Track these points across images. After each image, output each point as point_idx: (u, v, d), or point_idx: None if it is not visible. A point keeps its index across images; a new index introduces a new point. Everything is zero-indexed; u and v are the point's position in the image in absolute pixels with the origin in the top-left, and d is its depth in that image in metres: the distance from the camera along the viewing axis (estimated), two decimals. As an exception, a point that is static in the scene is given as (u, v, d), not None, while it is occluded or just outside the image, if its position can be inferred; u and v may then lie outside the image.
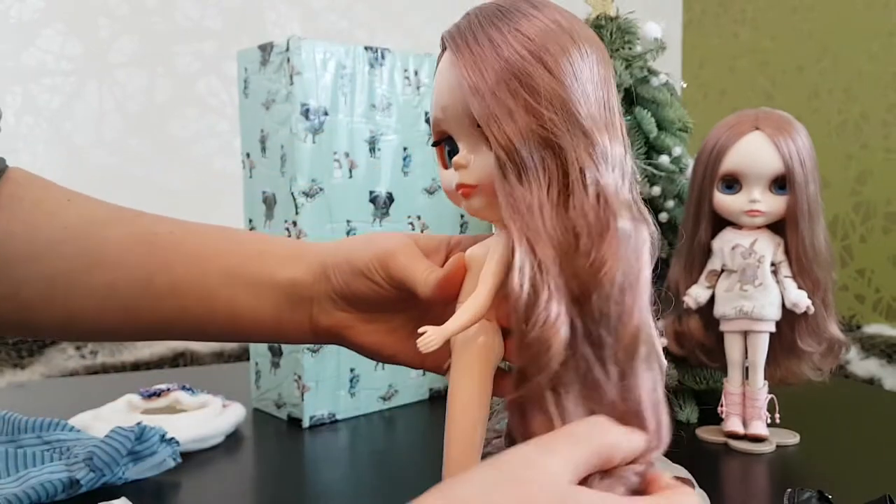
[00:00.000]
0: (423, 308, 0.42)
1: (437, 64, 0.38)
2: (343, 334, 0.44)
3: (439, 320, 0.35)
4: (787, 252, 0.73)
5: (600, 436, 0.31)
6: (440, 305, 0.40)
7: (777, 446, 0.74)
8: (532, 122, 0.33)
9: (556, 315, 0.31)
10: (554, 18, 0.34)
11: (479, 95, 0.33)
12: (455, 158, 0.36)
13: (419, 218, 0.88)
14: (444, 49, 0.37)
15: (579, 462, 0.30)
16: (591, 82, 0.34)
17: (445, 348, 0.36)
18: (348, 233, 0.82)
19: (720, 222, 0.76)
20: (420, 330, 0.34)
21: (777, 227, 0.74)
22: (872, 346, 1.29)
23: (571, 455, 0.30)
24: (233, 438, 0.78)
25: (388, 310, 0.44)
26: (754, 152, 0.72)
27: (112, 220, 0.45)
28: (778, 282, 0.73)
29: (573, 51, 0.34)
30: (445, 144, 0.38)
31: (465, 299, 0.37)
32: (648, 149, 0.80)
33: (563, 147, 0.33)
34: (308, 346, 0.81)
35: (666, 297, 0.75)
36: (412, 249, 0.42)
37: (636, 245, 0.33)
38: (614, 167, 0.34)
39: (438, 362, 0.42)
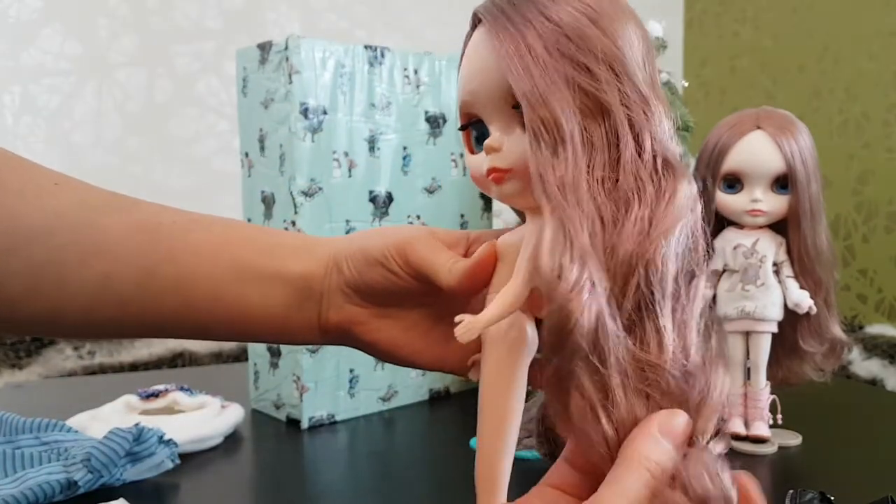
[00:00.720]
0: (442, 303, 0.41)
1: (464, 44, 0.36)
2: (354, 331, 0.42)
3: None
4: (789, 252, 0.73)
5: (646, 476, 0.28)
6: (463, 297, 0.38)
7: (779, 447, 0.73)
8: (583, 83, 0.31)
9: (577, 280, 0.28)
10: None
11: (520, 63, 0.31)
12: (487, 141, 0.34)
13: (419, 217, 0.88)
14: (473, 27, 0.35)
15: None
16: (640, 53, 0.32)
17: (466, 346, 0.34)
18: (347, 232, 0.82)
19: (722, 222, 0.75)
20: (457, 318, 0.32)
21: (779, 226, 0.73)
22: (875, 347, 1.29)
23: None
24: (231, 439, 0.78)
25: (403, 304, 0.42)
26: (756, 152, 0.71)
27: (109, 206, 0.41)
28: (780, 282, 0.73)
29: (626, 20, 0.32)
30: (473, 129, 0.36)
31: (497, 290, 0.35)
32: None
33: (614, 111, 0.31)
34: (307, 346, 0.80)
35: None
36: (432, 239, 0.40)
37: (695, 213, 0.31)
38: (670, 137, 0.32)
39: (460, 362, 0.40)
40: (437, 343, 0.42)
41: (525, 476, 0.34)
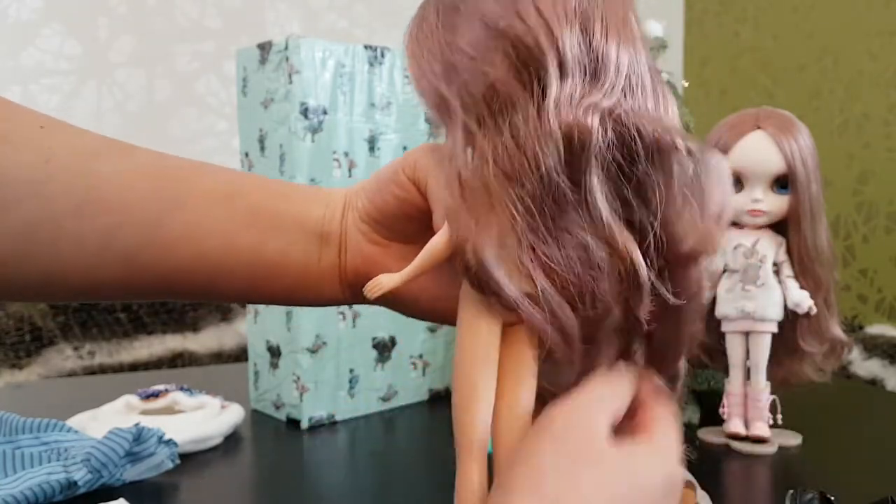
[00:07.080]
0: None
1: None
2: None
3: None
4: (789, 252, 0.73)
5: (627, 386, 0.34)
6: None
7: (779, 447, 0.73)
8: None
9: (475, 247, 0.31)
10: None
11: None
12: None
13: (419, 218, 0.88)
14: None
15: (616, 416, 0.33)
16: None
17: None
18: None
19: (722, 222, 0.75)
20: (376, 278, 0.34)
21: (779, 226, 0.73)
22: (875, 347, 1.29)
23: (612, 411, 0.33)
24: (231, 440, 0.78)
25: (422, 234, 0.37)
26: (756, 151, 0.71)
27: (104, 151, 0.37)
28: (780, 282, 0.72)
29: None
30: None
31: None
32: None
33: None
34: (307, 346, 0.80)
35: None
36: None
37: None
38: (577, 74, 0.32)
39: None
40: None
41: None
